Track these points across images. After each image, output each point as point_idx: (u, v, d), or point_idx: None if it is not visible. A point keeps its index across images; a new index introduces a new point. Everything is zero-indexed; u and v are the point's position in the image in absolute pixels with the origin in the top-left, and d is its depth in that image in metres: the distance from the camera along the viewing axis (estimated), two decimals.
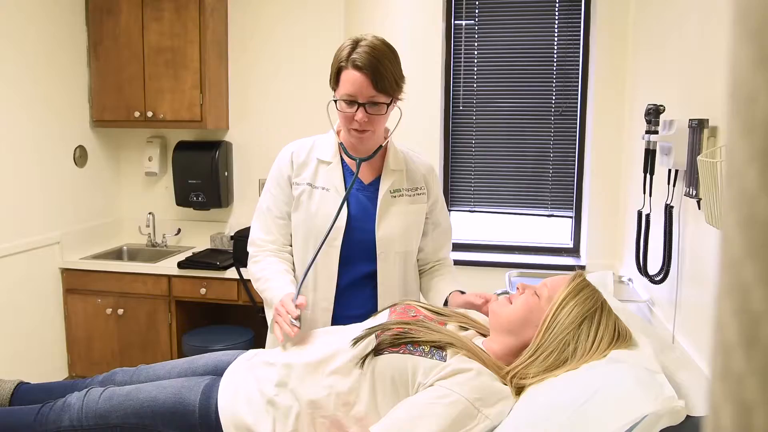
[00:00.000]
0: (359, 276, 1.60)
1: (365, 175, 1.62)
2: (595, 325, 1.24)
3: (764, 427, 0.20)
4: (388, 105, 1.51)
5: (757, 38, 0.22)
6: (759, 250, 0.22)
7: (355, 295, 1.59)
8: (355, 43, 1.48)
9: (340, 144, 1.61)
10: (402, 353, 1.23)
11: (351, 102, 1.48)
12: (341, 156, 1.62)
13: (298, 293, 1.46)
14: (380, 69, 1.45)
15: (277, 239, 1.64)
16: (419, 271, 1.75)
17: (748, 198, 0.22)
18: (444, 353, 1.23)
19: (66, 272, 3.29)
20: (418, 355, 1.22)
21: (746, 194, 0.22)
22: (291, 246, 1.66)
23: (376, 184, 1.61)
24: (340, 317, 1.56)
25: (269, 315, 1.57)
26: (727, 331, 0.23)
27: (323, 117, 1.70)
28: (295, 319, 1.36)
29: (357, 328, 1.37)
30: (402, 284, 1.64)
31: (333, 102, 1.54)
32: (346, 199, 1.56)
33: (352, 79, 1.46)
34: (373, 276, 1.60)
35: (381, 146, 1.60)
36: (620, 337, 1.25)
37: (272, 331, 1.41)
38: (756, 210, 0.22)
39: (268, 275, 1.58)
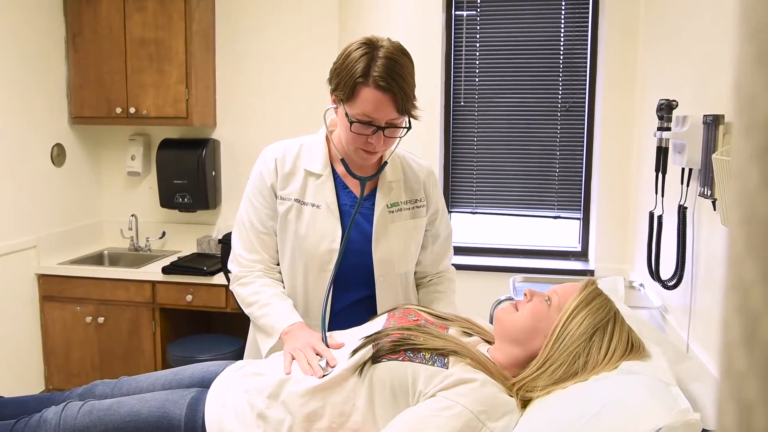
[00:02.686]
0: (355, 299, 1.58)
1: (360, 188, 1.56)
2: (608, 336, 1.24)
3: (764, 427, 0.22)
4: (407, 127, 1.45)
5: (757, 38, 0.23)
6: (759, 248, 0.23)
7: (350, 318, 1.53)
8: (371, 51, 1.37)
9: (342, 160, 1.53)
10: (401, 360, 1.23)
11: (367, 124, 1.40)
12: (332, 166, 1.56)
13: (325, 336, 1.42)
14: (405, 88, 1.37)
15: (264, 258, 1.60)
16: (417, 284, 1.73)
17: (750, 196, 0.23)
18: (446, 360, 1.23)
19: (43, 278, 3.29)
20: (419, 362, 1.22)
21: (747, 192, 0.24)
22: (279, 264, 1.62)
23: (371, 197, 1.56)
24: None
25: (263, 341, 1.54)
26: (730, 329, 0.25)
27: (317, 114, 1.68)
28: (326, 365, 1.32)
29: (354, 335, 1.38)
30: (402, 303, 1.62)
31: (331, 109, 1.50)
32: (351, 226, 1.50)
33: (373, 100, 1.36)
34: (369, 299, 1.58)
35: (386, 162, 1.55)
36: (633, 348, 1.25)
37: (287, 364, 1.37)
38: (756, 208, 0.23)
39: (265, 300, 1.54)
